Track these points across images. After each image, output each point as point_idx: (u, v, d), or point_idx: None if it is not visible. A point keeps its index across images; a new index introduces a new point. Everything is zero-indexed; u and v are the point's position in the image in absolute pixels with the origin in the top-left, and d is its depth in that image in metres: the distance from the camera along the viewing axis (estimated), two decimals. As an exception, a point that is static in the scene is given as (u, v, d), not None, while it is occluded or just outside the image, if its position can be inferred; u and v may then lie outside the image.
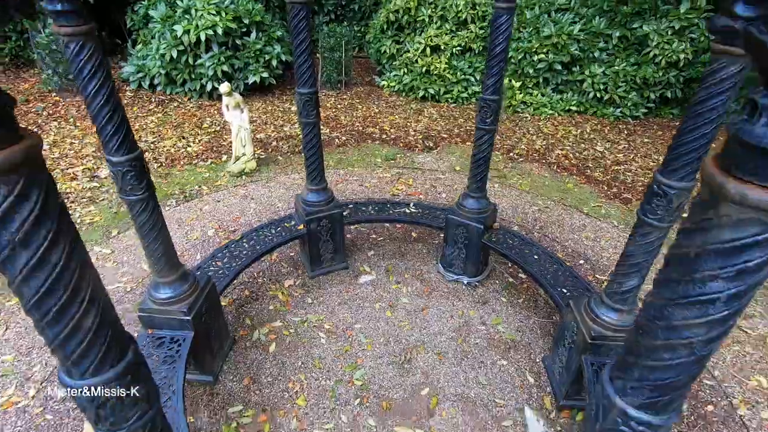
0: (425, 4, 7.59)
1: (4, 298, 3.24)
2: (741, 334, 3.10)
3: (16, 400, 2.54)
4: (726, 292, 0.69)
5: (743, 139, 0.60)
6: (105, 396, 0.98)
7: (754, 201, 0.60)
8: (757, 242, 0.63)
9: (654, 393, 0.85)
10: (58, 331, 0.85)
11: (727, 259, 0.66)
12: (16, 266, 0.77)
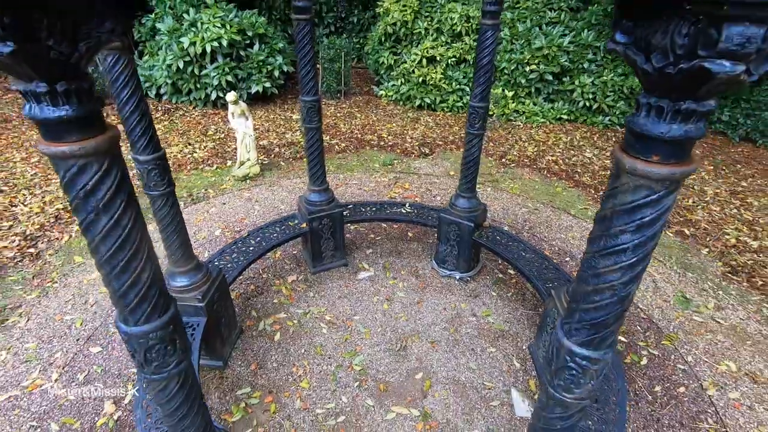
0: (421, 18, 7.92)
1: (24, 293, 3.45)
2: (714, 323, 3.33)
3: (40, 383, 2.74)
4: (631, 243, 0.92)
5: (631, 128, 0.84)
6: (153, 341, 1.21)
7: (642, 172, 0.84)
8: (647, 202, 0.87)
9: (591, 331, 1.09)
10: (122, 282, 1.09)
11: (629, 217, 0.90)
12: (97, 228, 1.00)
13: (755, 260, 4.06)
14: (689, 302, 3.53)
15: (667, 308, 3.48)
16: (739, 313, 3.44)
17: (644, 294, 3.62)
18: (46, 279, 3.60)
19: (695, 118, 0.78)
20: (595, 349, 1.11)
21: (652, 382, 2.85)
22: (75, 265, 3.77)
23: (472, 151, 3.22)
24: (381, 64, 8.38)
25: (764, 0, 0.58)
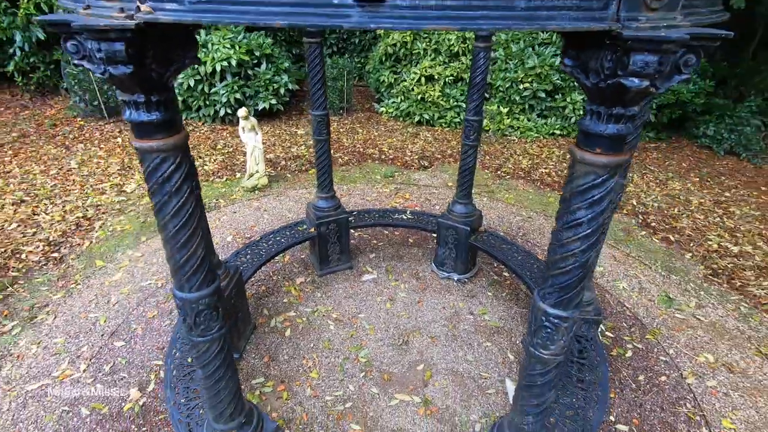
0: (420, 39, 8.34)
1: (50, 293, 3.69)
2: (695, 320, 3.57)
3: (70, 373, 2.96)
4: (586, 217, 1.19)
5: (581, 128, 1.12)
6: (200, 307, 1.47)
7: (589, 161, 1.12)
8: (595, 184, 1.14)
9: (560, 294, 1.35)
10: (182, 254, 1.35)
11: (583, 196, 1.17)
12: (167, 208, 1.28)
13: (735, 264, 4.32)
14: (672, 301, 3.77)
15: (651, 307, 3.72)
16: (718, 311, 3.68)
17: (630, 294, 3.87)
18: (70, 281, 3.85)
19: (624, 120, 1.05)
20: (564, 309, 1.37)
21: (636, 372, 3.08)
22: (96, 269, 4.01)
23: (468, 161, 3.52)
24: (381, 83, 8.77)
25: (651, 38, 0.86)
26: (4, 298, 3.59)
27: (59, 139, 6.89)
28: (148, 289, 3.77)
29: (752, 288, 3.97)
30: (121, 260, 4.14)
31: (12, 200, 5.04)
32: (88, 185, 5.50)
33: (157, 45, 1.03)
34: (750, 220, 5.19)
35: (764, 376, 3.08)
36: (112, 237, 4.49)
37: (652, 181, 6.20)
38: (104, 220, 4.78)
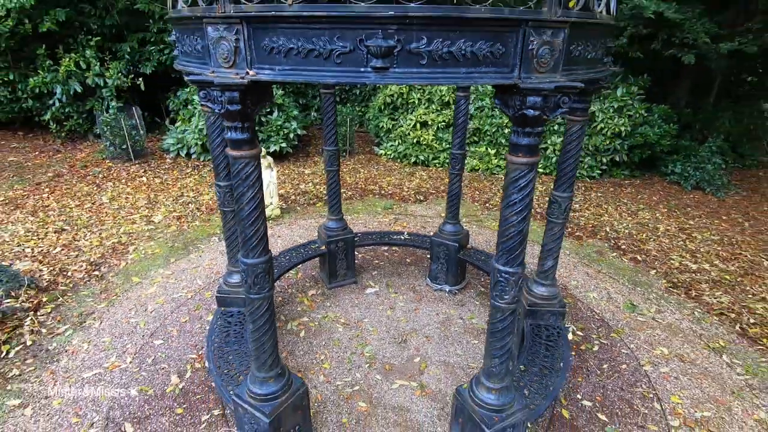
0: (415, 90, 9.35)
1: (95, 303, 4.25)
2: (654, 322, 4.12)
3: (118, 365, 3.48)
4: (518, 198, 1.85)
5: (511, 141, 1.81)
6: (259, 270, 2.09)
7: (516, 161, 1.79)
8: (521, 176, 1.81)
9: (507, 255, 1.98)
10: (251, 230, 2.00)
11: (515, 184, 1.84)
12: (245, 197, 1.93)
13: (693, 278, 4.92)
14: (635, 307, 4.34)
15: (617, 312, 4.28)
16: (675, 316, 4.24)
17: (599, 302, 4.44)
18: (111, 293, 4.41)
19: (533, 135, 1.74)
20: (511, 266, 1.99)
21: (601, 362, 3.60)
22: (133, 284, 4.59)
23: (454, 187, 4.22)
24: (381, 128, 9.69)
25: (535, 88, 1.56)
26: (56, 307, 4.14)
27: (90, 178, 7.64)
28: (180, 299, 4.33)
29: (706, 297, 4.55)
30: (154, 277, 4.72)
31: (54, 229, 5.68)
32: (120, 216, 6.16)
33: (254, 93, 1.73)
34: (709, 243, 5.83)
35: (710, 364, 3.60)
36: (145, 259, 5.09)
37: (624, 212, 6.90)
38: (137, 245, 5.40)
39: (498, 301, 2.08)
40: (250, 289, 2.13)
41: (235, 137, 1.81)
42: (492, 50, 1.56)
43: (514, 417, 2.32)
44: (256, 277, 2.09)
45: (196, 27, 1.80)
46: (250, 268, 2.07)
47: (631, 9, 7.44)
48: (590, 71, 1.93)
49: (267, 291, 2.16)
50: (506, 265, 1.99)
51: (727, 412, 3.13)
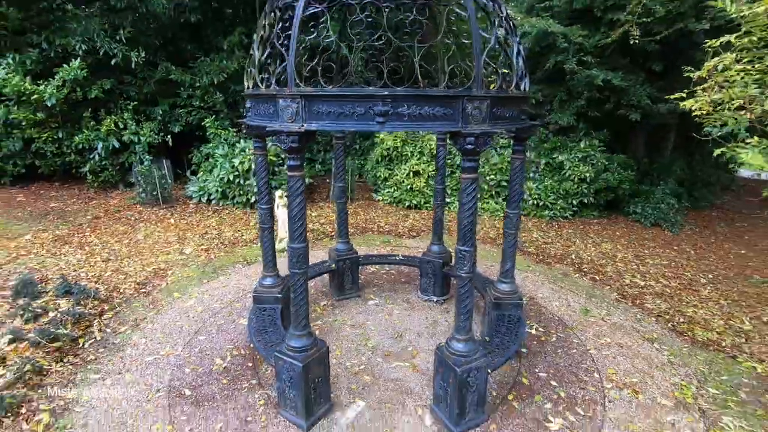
0: (408, 144, 10.76)
1: (146, 311, 5.17)
2: (602, 322, 5.07)
3: (172, 352, 4.37)
4: (467, 198, 2.96)
5: (461, 165, 2.95)
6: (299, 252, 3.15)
7: (465, 177, 2.92)
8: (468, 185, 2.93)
9: (463, 238, 3.05)
10: (297, 224, 3.10)
11: (465, 192, 2.95)
12: (295, 201, 3.05)
13: (639, 291, 5.92)
14: (589, 312, 5.30)
15: (573, 315, 5.24)
16: (620, 317, 5.20)
17: (560, 308, 5.40)
18: (158, 305, 5.35)
19: (473, 161, 2.87)
20: (466, 246, 3.05)
21: (556, 348, 4.52)
22: (175, 298, 5.53)
23: (438, 214, 5.34)
24: (378, 177, 10.99)
25: (471, 133, 2.71)
26: (115, 314, 5.07)
27: (124, 220, 8.73)
28: (215, 309, 5.27)
29: (648, 305, 5.53)
30: (191, 293, 5.67)
31: (101, 258, 6.68)
32: (155, 249, 7.19)
33: (305, 137, 2.89)
34: (658, 267, 6.88)
35: (643, 349, 4.52)
36: (182, 280, 6.07)
37: (590, 244, 7.99)
38: (173, 270, 6.38)
39: (460, 271, 3.12)
40: (293, 266, 3.16)
41: (292, 164, 2.95)
42: (445, 112, 2.74)
43: (477, 362, 3.26)
44: (297, 258, 3.14)
45: (270, 99, 2.99)
46: (294, 251, 3.12)
47: (585, 77, 9.02)
48: (508, 124, 3.12)
49: (304, 268, 3.19)
50: (464, 245, 3.06)
51: (650, 378, 4.04)
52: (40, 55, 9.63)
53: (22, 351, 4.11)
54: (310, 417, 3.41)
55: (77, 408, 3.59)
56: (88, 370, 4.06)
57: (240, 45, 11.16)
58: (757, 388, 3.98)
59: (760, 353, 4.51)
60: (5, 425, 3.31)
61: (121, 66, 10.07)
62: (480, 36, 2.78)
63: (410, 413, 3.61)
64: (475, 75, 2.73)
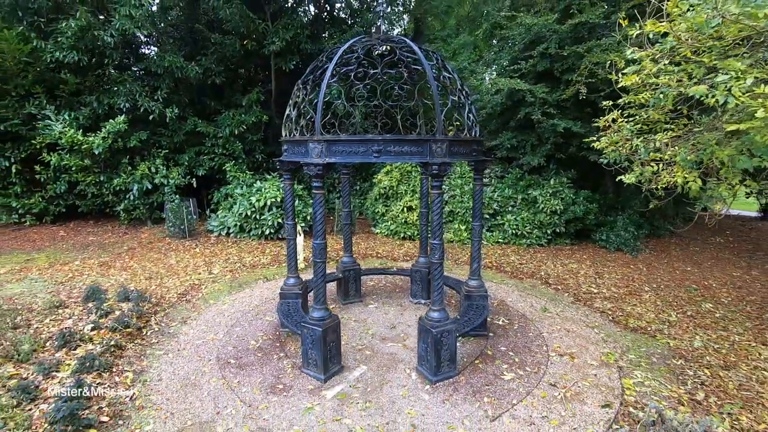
0: (403, 183, 12.32)
1: (189, 313, 6.41)
2: (557, 316, 6.31)
3: (214, 338, 5.59)
4: (438, 210, 4.37)
5: (432, 185, 4.40)
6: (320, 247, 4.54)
7: (434, 192, 4.36)
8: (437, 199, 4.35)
9: (434, 233, 4.43)
10: (319, 226, 4.51)
11: (435, 204, 4.37)
12: (318, 209, 4.49)
13: (592, 296, 7.18)
14: (547, 309, 6.56)
15: (534, 312, 6.49)
16: (572, 313, 6.45)
17: (524, 308, 6.65)
18: (198, 308, 6.60)
19: (439, 182, 4.31)
20: (436, 240, 4.41)
21: (517, 333, 5.75)
22: (211, 304, 6.79)
23: (423, 232, 6.72)
24: (376, 213, 12.46)
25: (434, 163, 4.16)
26: (166, 314, 6.31)
27: (156, 250, 10.08)
28: (245, 310, 6.51)
29: (597, 305, 6.79)
30: (224, 300, 6.93)
31: (144, 277, 7.98)
32: (188, 270, 8.49)
33: (327, 167, 4.34)
34: (612, 280, 8.17)
35: (584, 332, 5.75)
36: (214, 292, 7.33)
37: (558, 264, 9.30)
38: (206, 285, 7.66)
39: (433, 258, 4.47)
40: (316, 256, 4.52)
41: (317, 185, 4.39)
42: (418, 150, 4.22)
43: (448, 326, 4.52)
44: (319, 251, 4.50)
45: (302, 143, 4.48)
46: (317, 246, 4.50)
47: (550, 126, 10.72)
48: (463, 158, 4.60)
49: (323, 258, 4.54)
50: (435, 240, 4.43)
51: (585, 349, 5.26)
52: (90, 111, 11.40)
53: (103, 335, 5.35)
54: (326, 372, 4.62)
55: (151, 370, 4.80)
56: (154, 349, 5.28)
57: (257, 102, 13.04)
58: (666, 355, 5.20)
59: (676, 335, 5.75)
60: (104, 377, 4.51)
61: (157, 120, 11.83)
62: (440, 102, 4.32)
63: (400, 372, 4.81)
64: (437, 126, 4.24)
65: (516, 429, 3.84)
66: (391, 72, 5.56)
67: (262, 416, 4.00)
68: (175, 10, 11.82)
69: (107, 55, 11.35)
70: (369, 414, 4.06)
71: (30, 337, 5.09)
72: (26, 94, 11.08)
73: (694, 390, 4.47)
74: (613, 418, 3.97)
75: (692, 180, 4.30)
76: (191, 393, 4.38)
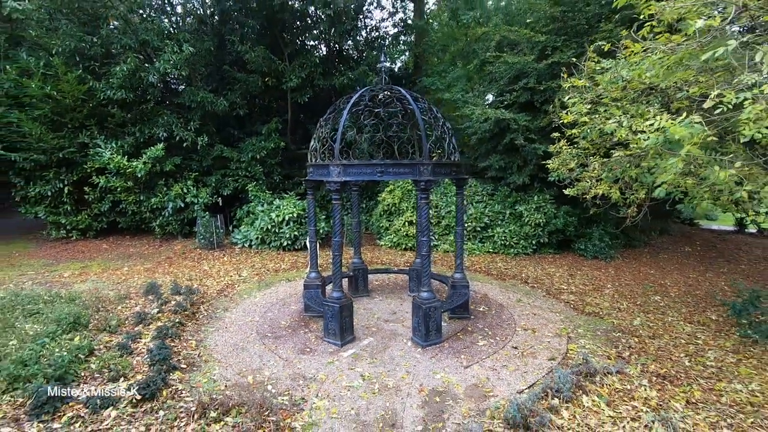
0: (405, 201, 13.87)
1: (229, 303, 7.90)
2: (529, 305, 7.71)
3: (252, 320, 7.05)
4: (425, 214, 5.90)
5: (420, 196, 5.95)
6: (338, 243, 6.08)
7: (421, 201, 5.90)
8: (423, 205, 5.89)
9: (422, 232, 5.94)
10: (335, 229, 6.07)
11: (422, 209, 5.90)
12: (336, 217, 6.05)
13: (561, 290, 8.58)
14: (521, 300, 7.97)
15: (510, 302, 7.90)
16: (541, 303, 7.85)
17: (503, 299, 8.06)
18: (235, 301, 8.08)
19: (426, 194, 5.84)
20: (423, 237, 5.91)
21: (493, 316, 7.16)
22: (245, 298, 8.27)
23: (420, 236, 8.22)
24: (381, 227, 13.97)
25: (421, 180, 5.70)
26: (210, 305, 7.80)
27: (190, 259, 11.63)
28: (273, 301, 7.98)
29: (563, 297, 8.19)
30: (255, 295, 8.41)
31: (185, 279, 9.50)
32: (220, 274, 10.00)
33: (344, 184, 5.89)
34: (582, 279, 9.57)
35: (548, 315, 7.14)
36: (246, 290, 8.83)
37: (539, 269, 10.71)
38: (238, 284, 9.16)
39: (422, 252, 5.97)
40: (334, 251, 6.04)
41: (336, 197, 5.95)
42: (410, 170, 5.78)
43: (435, 303, 5.97)
44: (336, 246, 6.03)
45: (324, 167, 6.06)
46: (336, 242, 6.02)
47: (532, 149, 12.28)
48: (445, 177, 6.16)
49: (340, 251, 6.06)
50: (423, 237, 5.94)
51: (545, 326, 6.66)
52: (133, 140, 13.18)
53: (167, 315, 6.84)
54: (342, 340, 6.06)
55: (208, 339, 6.27)
56: (206, 327, 6.76)
57: (275, 130, 14.79)
58: (609, 330, 6.59)
59: (622, 317, 7.13)
60: (175, 342, 5.98)
61: (189, 147, 13.58)
62: (425, 135, 5.89)
63: (399, 341, 6.24)
64: (424, 153, 5.81)
65: (482, 373, 5.25)
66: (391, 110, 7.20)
67: (296, 366, 5.45)
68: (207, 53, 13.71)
69: (149, 92, 13.21)
70: (374, 366, 5.49)
71: (115, 315, 6.61)
72: (80, 126, 12.90)
73: (623, 351, 5.85)
74: (554, 366, 5.37)
75: (613, 192, 5.80)
76: (241, 353, 5.84)
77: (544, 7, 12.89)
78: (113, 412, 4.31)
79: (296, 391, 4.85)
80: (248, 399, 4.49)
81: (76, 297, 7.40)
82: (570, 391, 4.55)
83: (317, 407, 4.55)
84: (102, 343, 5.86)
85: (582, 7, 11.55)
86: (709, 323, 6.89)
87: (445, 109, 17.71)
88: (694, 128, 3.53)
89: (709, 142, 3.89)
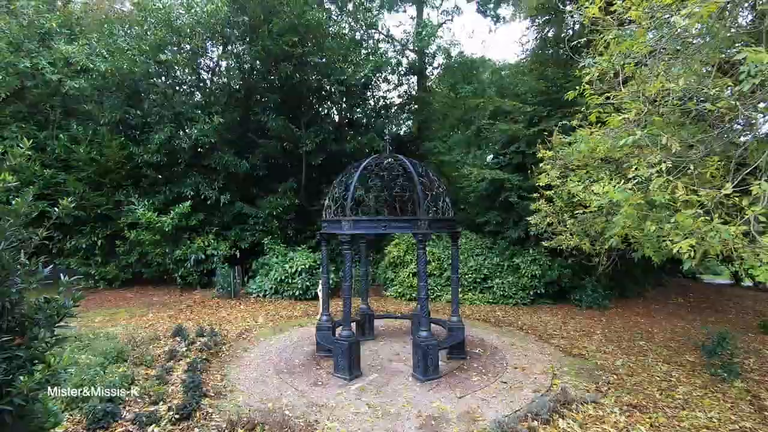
0: (409, 253, 14.83)
1: (248, 344, 8.71)
2: (521, 348, 8.40)
3: (270, 359, 7.83)
4: (423, 261, 6.89)
5: (419, 245, 6.97)
6: (347, 284, 7.04)
7: (420, 252, 6.91)
8: (422, 254, 6.89)
9: (421, 277, 6.89)
10: (346, 274, 7.07)
11: (420, 258, 6.90)
12: (347, 264, 7.07)
13: (552, 336, 9.26)
14: (514, 344, 8.66)
15: (504, 345, 8.59)
16: (533, 346, 8.54)
17: (498, 343, 8.76)
18: (253, 342, 8.88)
19: (423, 245, 6.85)
20: (423, 282, 6.86)
21: (488, 357, 7.86)
22: (261, 341, 9.06)
23: (420, 286, 9.13)
24: (387, 278, 14.83)
25: (422, 232, 6.74)
26: (230, 346, 8.61)
27: (208, 306, 12.51)
28: (288, 344, 8.76)
29: (554, 341, 8.87)
30: (271, 338, 9.21)
31: (206, 324, 10.35)
32: (238, 320, 10.84)
33: (353, 236, 6.95)
34: (574, 327, 10.24)
35: (538, 356, 7.83)
36: (262, 334, 9.63)
37: (534, 317, 11.39)
38: (254, 329, 9.98)
39: (420, 295, 6.88)
40: (345, 293, 6.98)
41: (346, 247, 6.99)
42: (410, 225, 6.86)
43: (432, 342, 6.78)
44: (346, 290, 6.97)
45: (337, 222, 7.16)
46: (346, 287, 6.98)
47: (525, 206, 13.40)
48: (439, 231, 7.21)
49: (350, 294, 6.99)
50: (422, 282, 6.88)
51: (534, 365, 7.35)
52: (163, 198, 14.58)
53: (194, 353, 7.67)
54: (350, 375, 6.82)
55: (231, 374, 7.05)
56: (229, 364, 7.56)
57: (291, 189, 16.20)
58: (591, 369, 7.25)
59: (605, 359, 7.79)
60: (204, 375, 6.78)
61: (212, 204, 14.94)
62: (423, 196, 7.02)
63: (401, 377, 6.96)
64: (421, 210, 6.91)
65: (473, 402, 5.96)
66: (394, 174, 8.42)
67: (310, 396, 6.20)
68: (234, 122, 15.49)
69: (180, 156, 14.81)
70: (378, 396, 6.22)
71: (149, 353, 7.46)
72: (117, 186, 14.39)
73: (602, 386, 6.52)
74: (538, 396, 6.05)
75: (583, 243, 6.79)
76: (261, 385, 6.61)
77: (531, 82, 14.64)
78: (156, 429, 5.10)
79: (310, 416, 5.59)
80: (270, 419, 5.26)
81: (113, 337, 8.28)
82: (548, 414, 5.25)
83: (329, 428, 5.28)
84: (140, 375, 6.68)
85: (563, 84, 13.17)
86: (685, 364, 7.53)
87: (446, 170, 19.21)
88: (625, 194, 4.59)
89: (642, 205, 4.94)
